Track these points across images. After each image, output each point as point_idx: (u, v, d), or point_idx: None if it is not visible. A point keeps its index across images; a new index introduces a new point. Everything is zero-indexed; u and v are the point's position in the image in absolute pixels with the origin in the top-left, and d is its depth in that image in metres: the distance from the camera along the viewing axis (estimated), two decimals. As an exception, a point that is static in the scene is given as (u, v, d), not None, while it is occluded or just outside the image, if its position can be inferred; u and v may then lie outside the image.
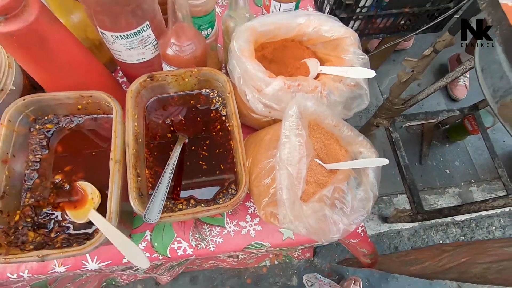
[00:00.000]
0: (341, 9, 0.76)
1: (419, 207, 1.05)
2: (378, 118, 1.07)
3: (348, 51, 0.41)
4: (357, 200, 0.37)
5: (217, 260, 0.97)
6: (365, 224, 1.32)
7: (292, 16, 0.42)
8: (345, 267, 1.32)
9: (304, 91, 0.37)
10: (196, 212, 0.36)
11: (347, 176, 0.38)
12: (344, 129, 0.38)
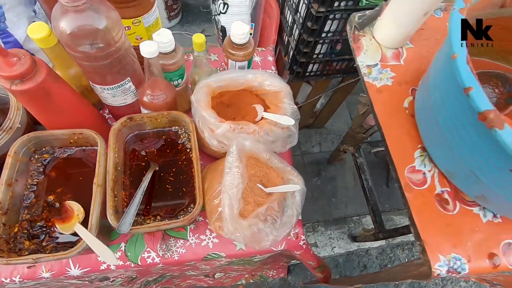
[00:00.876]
0: (300, 55, 0.91)
1: (381, 227, 1.16)
2: (345, 145, 1.20)
3: (283, 102, 0.53)
4: (286, 216, 0.49)
5: (194, 279, 1.05)
6: (335, 243, 1.42)
7: (241, 74, 0.55)
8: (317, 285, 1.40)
9: (246, 132, 0.49)
10: (159, 225, 0.46)
11: (278, 197, 0.49)
12: (275, 161, 0.49)
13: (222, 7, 1.06)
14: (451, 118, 0.27)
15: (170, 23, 1.76)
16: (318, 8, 0.74)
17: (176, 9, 1.71)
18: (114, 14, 0.44)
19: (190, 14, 1.81)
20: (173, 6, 1.68)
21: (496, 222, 0.37)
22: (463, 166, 0.32)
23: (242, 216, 0.48)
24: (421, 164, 0.38)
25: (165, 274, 0.74)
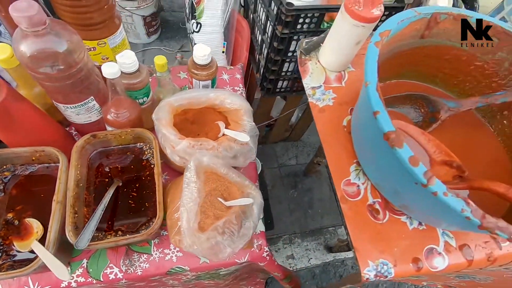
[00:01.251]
0: (269, 72, 0.95)
1: (351, 237, 1.19)
2: (318, 157, 1.25)
3: (243, 119, 0.56)
4: (244, 229, 0.51)
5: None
6: (311, 254, 1.44)
7: (204, 93, 0.58)
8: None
9: (205, 148, 0.52)
10: (118, 240, 0.47)
11: (237, 211, 0.51)
12: (233, 176, 0.52)
13: (196, 26, 1.10)
14: (371, 136, 0.30)
15: (149, 38, 1.79)
16: (282, 30, 0.79)
17: (155, 25, 1.74)
18: (75, 37, 0.46)
19: (170, 30, 1.85)
20: (152, 23, 1.71)
21: (421, 229, 0.41)
22: (386, 179, 0.35)
23: (202, 229, 0.50)
24: (356, 177, 0.42)
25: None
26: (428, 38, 0.40)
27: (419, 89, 0.47)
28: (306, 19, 0.79)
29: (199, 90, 0.59)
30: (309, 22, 0.80)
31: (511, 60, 0.41)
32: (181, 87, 0.77)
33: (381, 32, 0.34)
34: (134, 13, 1.56)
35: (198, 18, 1.08)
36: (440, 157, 0.38)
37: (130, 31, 1.72)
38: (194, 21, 1.08)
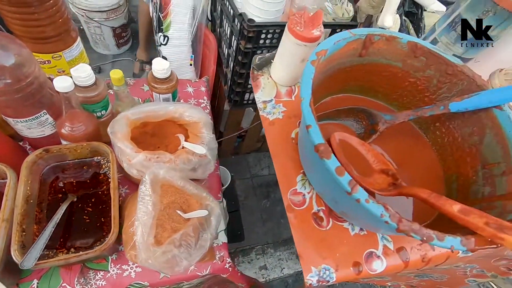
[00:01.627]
0: (236, 85, 0.97)
1: (321, 244, 1.21)
2: (286, 167, 1.26)
3: (202, 132, 0.57)
4: (201, 240, 0.51)
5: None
6: (284, 264, 1.44)
7: (163, 106, 0.58)
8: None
9: (162, 161, 0.52)
10: (69, 258, 0.46)
11: (194, 223, 0.52)
12: (190, 188, 0.52)
13: (163, 39, 1.11)
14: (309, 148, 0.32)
15: (120, 49, 1.77)
16: (245, 45, 0.82)
17: (125, 36, 1.73)
18: (24, 51, 0.45)
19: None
20: (122, 34, 1.70)
21: (362, 234, 0.43)
22: (325, 188, 0.38)
23: (159, 243, 0.50)
24: (302, 187, 0.44)
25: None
26: (366, 56, 0.44)
27: (363, 102, 0.50)
28: (268, 34, 0.83)
29: (158, 103, 0.59)
30: (271, 37, 0.84)
31: (438, 77, 0.45)
32: (144, 99, 0.78)
33: (318, 52, 0.37)
34: (103, 24, 1.54)
35: (165, 31, 1.09)
36: (378, 166, 0.41)
37: (99, 42, 1.70)
38: (161, 34, 1.09)
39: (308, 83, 0.33)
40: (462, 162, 0.44)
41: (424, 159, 0.48)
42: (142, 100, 0.79)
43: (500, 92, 0.39)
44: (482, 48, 0.59)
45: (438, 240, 0.28)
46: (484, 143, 0.42)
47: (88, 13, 1.45)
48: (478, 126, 0.42)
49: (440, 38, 0.61)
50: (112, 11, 1.49)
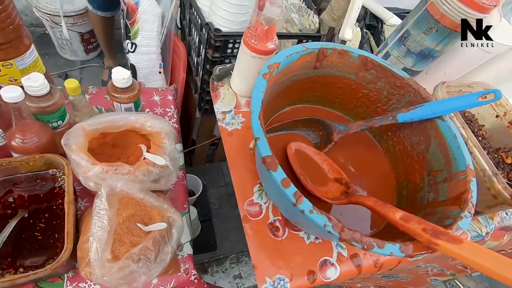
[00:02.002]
0: (205, 93, 0.97)
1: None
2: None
3: (163, 142, 0.57)
4: (162, 254, 0.50)
5: None
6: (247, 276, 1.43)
7: (123, 116, 0.57)
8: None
9: (120, 173, 0.51)
10: (16, 279, 0.43)
11: (154, 236, 0.50)
12: (150, 200, 0.51)
13: (131, 47, 1.09)
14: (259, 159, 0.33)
15: (88, 55, 1.72)
16: (213, 54, 0.82)
17: (94, 42, 1.68)
18: (-33, 60, 0.43)
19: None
20: (90, 40, 1.65)
21: (317, 243, 0.44)
22: (278, 199, 0.38)
23: (117, 258, 0.48)
24: (258, 197, 0.44)
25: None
26: (320, 69, 0.46)
27: (321, 113, 0.52)
28: (235, 44, 0.84)
29: (118, 114, 0.58)
30: (238, 47, 0.85)
31: (388, 89, 0.48)
32: (107, 109, 0.75)
33: (270, 65, 0.38)
34: (70, 30, 1.49)
35: (133, 39, 1.08)
36: (332, 175, 0.42)
37: (66, 47, 1.64)
38: (129, 41, 1.07)
39: (258, 96, 0.34)
40: (411, 170, 0.47)
41: (378, 167, 0.50)
42: (106, 109, 0.77)
43: (441, 104, 0.42)
44: (429, 61, 0.63)
45: (378, 248, 0.29)
46: (430, 152, 0.44)
47: (53, 17, 1.40)
48: (424, 136, 0.45)
49: (392, 52, 0.65)
50: (79, 16, 1.45)
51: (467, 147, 0.41)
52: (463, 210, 0.35)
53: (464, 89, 0.55)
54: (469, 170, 0.39)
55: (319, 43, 0.43)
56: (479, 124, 0.59)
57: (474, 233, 0.57)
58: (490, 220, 0.60)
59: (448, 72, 0.67)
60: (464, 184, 0.38)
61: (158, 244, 0.51)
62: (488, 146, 0.57)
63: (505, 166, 0.55)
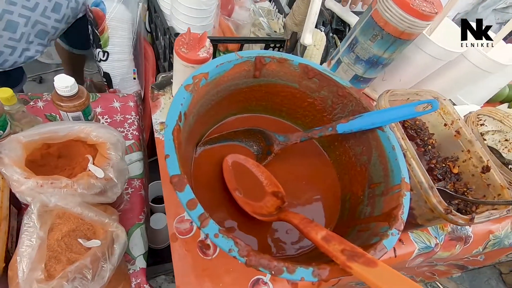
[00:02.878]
0: (173, 99, 0.95)
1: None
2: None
3: (108, 153, 0.54)
4: (101, 271, 0.47)
5: None
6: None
7: (66, 126, 0.54)
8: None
9: (58, 187, 0.48)
10: None
11: (93, 253, 0.48)
12: (90, 215, 0.49)
13: (102, 55, 1.06)
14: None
15: (64, 59, 1.67)
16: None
17: (70, 45, 1.64)
18: None
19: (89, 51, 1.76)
20: (66, 43, 1.61)
21: None
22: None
23: (52, 277, 0.45)
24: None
25: None
26: (261, 77, 0.44)
27: (268, 122, 0.50)
28: (199, 49, 0.81)
29: (61, 123, 0.55)
30: (203, 52, 0.82)
31: (332, 98, 0.46)
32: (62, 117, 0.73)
33: (195, 75, 0.36)
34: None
35: (104, 47, 1.05)
36: (270, 188, 0.40)
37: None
38: (100, 50, 1.04)
39: (176, 109, 0.32)
40: (355, 181, 0.45)
41: (325, 178, 0.49)
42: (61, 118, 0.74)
43: (380, 114, 0.41)
44: (379, 68, 0.62)
45: (288, 273, 0.27)
46: (371, 163, 0.43)
47: (23, 20, 1.36)
48: (366, 146, 0.43)
49: (343, 59, 0.63)
50: (51, 19, 1.41)
51: (405, 159, 0.40)
52: (391, 227, 0.33)
53: (412, 97, 0.53)
54: (403, 183, 0.37)
55: (255, 51, 0.41)
56: (429, 133, 0.58)
57: (422, 245, 0.56)
58: (441, 230, 0.59)
59: (404, 78, 0.66)
60: (397, 199, 0.36)
61: (97, 261, 0.49)
62: (437, 155, 0.56)
63: (452, 176, 0.54)
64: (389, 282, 0.25)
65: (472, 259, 0.72)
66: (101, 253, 0.50)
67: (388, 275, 0.26)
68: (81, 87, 0.60)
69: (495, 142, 0.62)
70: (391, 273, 0.26)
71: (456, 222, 0.40)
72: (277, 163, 0.47)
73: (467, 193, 0.51)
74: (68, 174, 0.58)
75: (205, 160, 0.43)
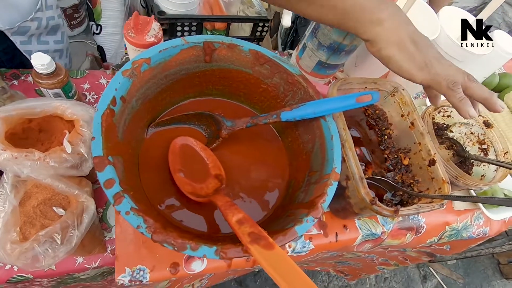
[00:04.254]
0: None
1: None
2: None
3: (82, 130, 0.58)
4: (69, 238, 0.53)
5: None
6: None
7: (44, 102, 0.58)
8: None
9: (31, 160, 0.53)
10: None
11: (63, 220, 0.53)
12: (60, 186, 0.54)
13: (96, 28, 1.08)
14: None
15: (73, 31, 1.72)
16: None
17: (78, 17, 1.67)
18: None
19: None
20: (74, 15, 1.65)
21: None
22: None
23: (26, 239, 0.51)
24: None
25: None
26: (213, 62, 0.44)
27: (227, 106, 0.51)
28: (184, 27, 0.82)
29: (40, 100, 0.59)
30: (188, 30, 0.83)
31: (283, 84, 0.46)
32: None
33: (135, 61, 0.37)
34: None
35: (97, 20, 1.07)
36: (214, 171, 0.42)
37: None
38: (93, 23, 1.06)
39: (109, 94, 0.34)
40: (299, 168, 0.46)
41: (277, 163, 0.50)
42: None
43: (321, 104, 0.41)
44: (342, 55, 0.59)
45: (191, 250, 0.30)
46: (314, 151, 0.43)
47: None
48: (311, 135, 0.44)
49: (307, 44, 0.61)
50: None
51: (343, 149, 0.40)
52: (309, 214, 0.35)
53: (369, 86, 0.52)
54: (333, 173, 0.38)
55: (203, 36, 0.42)
56: (388, 123, 0.56)
57: (367, 232, 0.57)
58: (391, 219, 0.59)
59: (374, 65, 0.63)
60: (323, 188, 0.37)
61: (67, 228, 0.54)
62: (391, 146, 0.55)
63: (402, 167, 0.53)
64: (277, 266, 0.27)
65: (438, 248, 0.72)
66: (71, 221, 0.55)
67: (279, 260, 0.27)
68: (59, 64, 0.63)
69: (461, 134, 0.60)
70: (283, 258, 0.27)
71: (381, 213, 0.41)
72: (233, 146, 0.48)
73: (413, 185, 0.51)
74: (47, 148, 0.63)
75: (157, 141, 0.45)
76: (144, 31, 0.44)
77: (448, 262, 1.98)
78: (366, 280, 1.76)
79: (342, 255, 0.83)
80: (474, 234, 0.65)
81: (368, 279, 1.76)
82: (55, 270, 0.61)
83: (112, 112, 0.34)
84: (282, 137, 0.52)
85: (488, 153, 0.55)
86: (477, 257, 1.98)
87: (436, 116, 0.60)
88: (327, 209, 0.52)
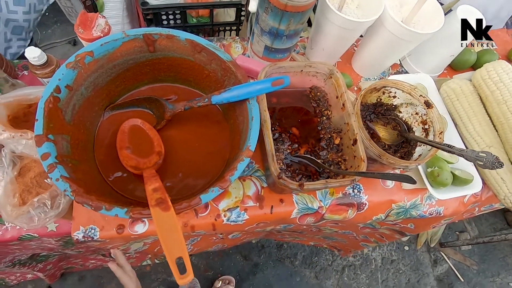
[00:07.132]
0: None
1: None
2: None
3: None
4: (57, 204, 0.63)
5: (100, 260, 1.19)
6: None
7: (37, 90, 0.68)
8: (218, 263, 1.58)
9: (25, 139, 0.63)
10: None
11: (54, 189, 0.64)
12: None
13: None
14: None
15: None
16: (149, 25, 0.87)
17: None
18: None
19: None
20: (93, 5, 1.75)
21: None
22: None
23: (25, 203, 0.63)
24: None
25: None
26: (157, 52, 0.49)
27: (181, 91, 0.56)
28: (169, 16, 0.87)
29: (35, 88, 0.69)
30: (173, 18, 0.88)
31: (220, 71, 0.50)
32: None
33: (78, 54, 0.43)
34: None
35: (101, 12, 1.15)
36: (157, 148, 0.49)
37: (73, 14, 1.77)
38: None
39: (52, 84, 0.41)
40: (235, 146, 0.51)
41: (220, 141, 0.55)
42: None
43: (241, 88, 0.44)
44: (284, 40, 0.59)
45: (106, 210, 0.36)
46: (243, 131, 0.47)
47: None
48: (243, 116, 0.48)
49: (254, 29, 0.62)
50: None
51: (263, 129, 0.44)
52: (215, 185, 0.39)
53: (305, 69, 0.53)
54: (246, 151, 0.42)
55: (142, 29, 0.46)
56: (328, 104, 0.57)
57: (303, 206, 0.59)
58: (329, 195, 0.61)
59: (326, 48, 0.63)
60: (236, 163, 0.41)
61: (56, 196, 0.65)
62: (328, 126, 0.55)
63: (333, 146, 0.54)
64: (163, 225, 0.32)
65: (403, 226, 0.73)
66: (59, 190, 0.65)
67: (168, 219, 0.33)
68: (50, 56, 0.72)
69: (408, 115, 0.58)
70: (171, 219, 0.33)
71: (288, 186, 0.44)
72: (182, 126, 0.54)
73: (341, 163, 0.52)
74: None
75: (112, 122, 0.53)
76: (91, 27, 0.50)
77: (462, 247, 1.91)
78: (372, 261, 1.77)
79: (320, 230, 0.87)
80: (426, 213, 0.65)
81: (374, 260, 1.77)
82: (55, 231, 0.73)
83: (56, 99, 0.41)
84: (227, 119, 0.56)
85: (429, 133, 0.54)
86: (497, 244, 1.89)
87: (383, 97, 0.60)
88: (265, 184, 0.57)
